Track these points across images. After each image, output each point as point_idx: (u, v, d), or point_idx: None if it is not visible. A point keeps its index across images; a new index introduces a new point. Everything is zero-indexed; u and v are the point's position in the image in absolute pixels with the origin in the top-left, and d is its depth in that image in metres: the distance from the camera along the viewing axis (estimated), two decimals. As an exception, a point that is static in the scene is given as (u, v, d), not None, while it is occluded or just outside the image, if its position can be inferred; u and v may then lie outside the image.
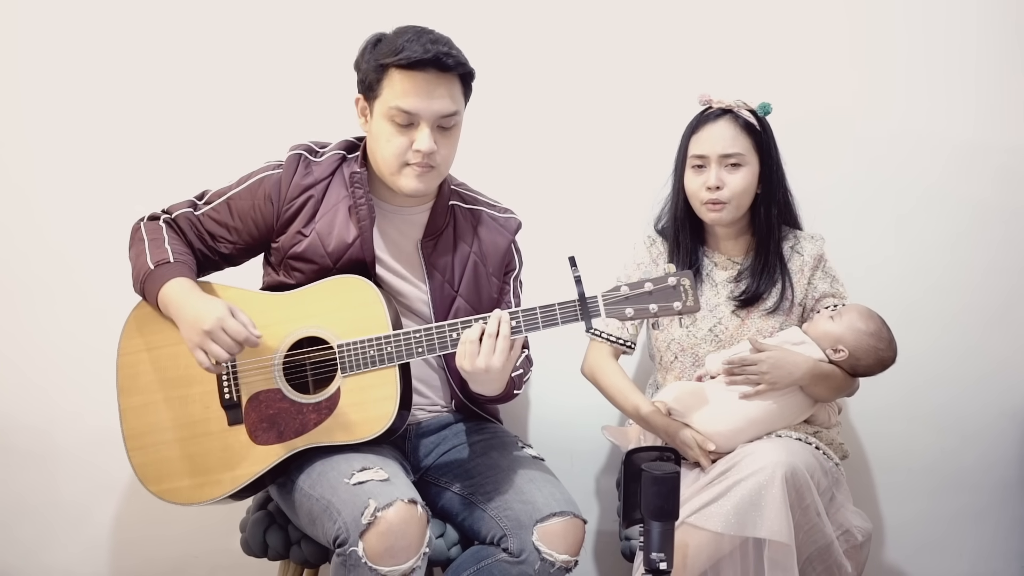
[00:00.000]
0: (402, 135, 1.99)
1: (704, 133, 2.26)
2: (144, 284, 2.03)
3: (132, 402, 2.05)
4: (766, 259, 2.28)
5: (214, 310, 1.92)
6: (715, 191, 2.23)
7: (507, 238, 2.21)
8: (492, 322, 1.89)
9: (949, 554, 2.69)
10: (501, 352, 1.87)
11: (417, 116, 1.98)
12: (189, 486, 2.02)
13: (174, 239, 2.07)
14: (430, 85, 1.97)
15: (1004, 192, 2.62)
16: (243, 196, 2.09)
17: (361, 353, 1.99)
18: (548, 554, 1.94)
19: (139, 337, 2.06)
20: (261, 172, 2.11)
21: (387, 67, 1.97)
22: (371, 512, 1.83)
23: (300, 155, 2.11)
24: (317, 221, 2.07)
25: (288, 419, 2.01)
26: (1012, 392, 2.65)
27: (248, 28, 2.58)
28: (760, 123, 2.26)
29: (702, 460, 2.13)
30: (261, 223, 2.09)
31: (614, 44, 2.59)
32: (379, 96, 1.99)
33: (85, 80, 2.57)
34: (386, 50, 1.97)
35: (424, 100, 1.97)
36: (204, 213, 2.11)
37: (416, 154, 1.99)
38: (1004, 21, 2.60)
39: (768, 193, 2.28)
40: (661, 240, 2.38)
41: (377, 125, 2.01)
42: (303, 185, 2.08)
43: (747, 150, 2.24)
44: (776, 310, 2.27)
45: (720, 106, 2.26)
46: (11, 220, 2.59)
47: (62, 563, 2.63)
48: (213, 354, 1.93)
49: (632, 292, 1.91)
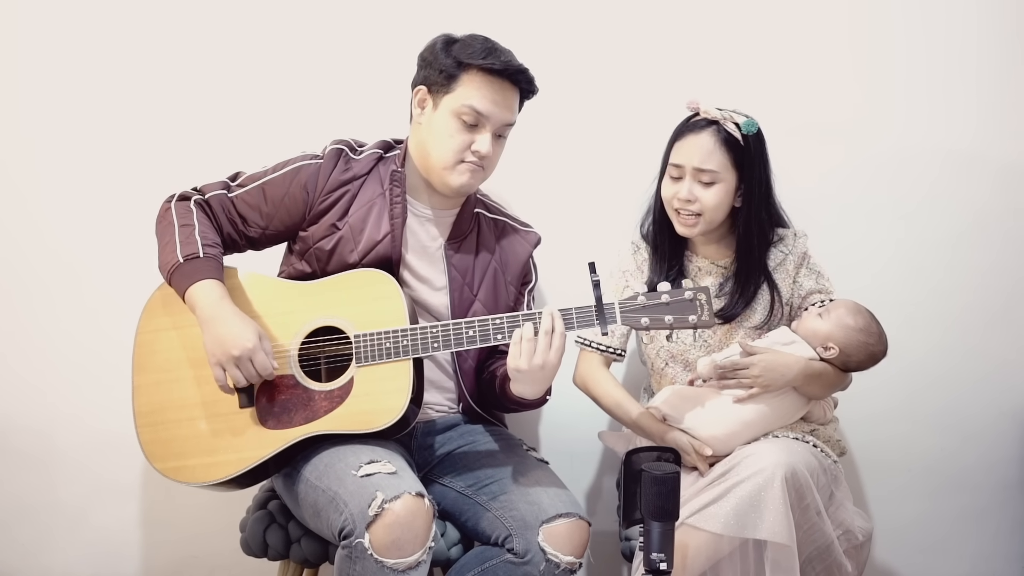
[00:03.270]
0: (465, 133, 2.06)
1: (685, 142, 2.21)
2: (172, 276, 2.04)
3: (146, 380, 2.07)
4: (747, 278, 2.24)
5: (247, 338, 1.95)
6: (686, 204, 2.20)
7: (527, 250, 2.27)
8: (547, 319, 1.92)
9: (950, 555, 2.69)
10: (557, 349, 1.92)
11: (485, 119, 2.05)
12: (195, 465, 2.03)
13: (204, 225, 2.08)
14: (505, 93, 2.07)
15: (1004, 194, 2.63)
16: (278, 183, 2.12)
17: (377, 344, 2.00)
18: (553, 555, 1.94)
19: (163, 316, 2.08)
20: (299, 160, 2.14)
21: (470, 67, 2.04)
22: (378, 504, 1.83)
23: (342, 150, 2.15)
24: (350, 216, 2.11)
25: (299, 405, 2.02)
26: (1012, 392, 2.65)
27: (247, 28, 2.58)
28: (744, 139, 2.19)
29: (699, 465, 2.13)
30: (294, 211, 2.12)
31: (616, 50, 2.59)
32: (452, 92, 2.05)
33: (85, 80, 2.57)
34: (470, 51, 2.05)
35: (497, 107, 2.06)
36: (237, 196, 2.13)
37: (474, 154, 2.06)
38: (1004, 25, 2.60)
39: (748, 208, 2.23)
40: (646, 246, 2.36)
41: (441, 119, 2.07)
42: (341, 180, 2.12)
43: (723, 167, 2.18)
44: (764, 325, 2.25)
45: (706, 116, 2.21)
46: (11, 220, 2.59)
47: (61, 564, 2.63)
48: (233, 377, 1.97)
49: (648, 302, 1.94)
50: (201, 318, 2.00)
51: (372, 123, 2.29)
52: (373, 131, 2.23)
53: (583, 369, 2.36)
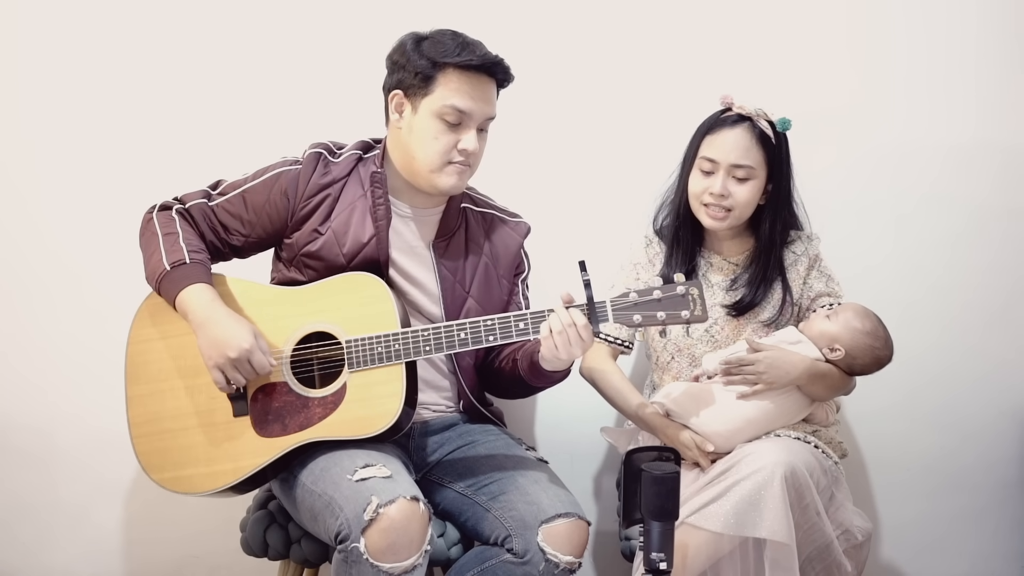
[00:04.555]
0: (450, 134, 2.03)
1: (719, 137, 2.23)
2: (160, 284, 2.03)
3: (139, 390, 2.06)
4: (765, 271, 2.27)
5: (243, 338, 1.95)
6: (719, 199, 2.22)
7: (518, 241, 2.25)
8: (564, 315, 1.91)
9: (949, 554, 2.69)
10: (586, 338, 1.91)
11: (468, 117, 2.03)
12: (192, 475, 2.03)
13: (188, 232, 2.08)
14: (484, 87, 2.04)
15: (1004, 192, 2.63)
16: (258, 190, 2.10)
17: (369, 349, 2.00)
18: (553, 555, 1.94)
19: (151, 327, 2.07)
20: (279, 167, 2.12)
21: (446, 66, 2.01)
22: (373, 508, 1.83)
23: (320, 154, 2.12)
24: (333, 220, 2.09)
25: (293, 412, 2.01)
26: (1012, 392, 2.65)
27: (246, 27, 2.58)
28: (776, 136, 2.24)
29: (701, 461, 2.13)
30: (275, 217, 2.10)
31: (618, 46, 2.59)
32: (430, 93, 2.02)
33: (84, 80, 2.57)
34: (443, 50, 2.01)
35: (478, 102, 2.03)
36: (218, 204, 2.12)
37: (461, 153, 2.04)
38: (1004, 22, 2.60)
39: (774, 206, 2.27)
40: (658, 240, 2.38)
41: (422, 122, 2.04)
42: (321, 184, 2.10)
43: (758, 163, 2.22)
44: (773, 322, 2.27)
45: (740, 112, 2.23)
46: (11, 220, 2.59)
47: (62, 563, 2.63)
48: (232, 379, 1.97)
49: (641, 299, 1.93)
50: (194, 323, 1.99)
51: (352, 123, 2.28)
52: (353, 131, 2.22)
53: (590, 360, 2.37)
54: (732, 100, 2.25)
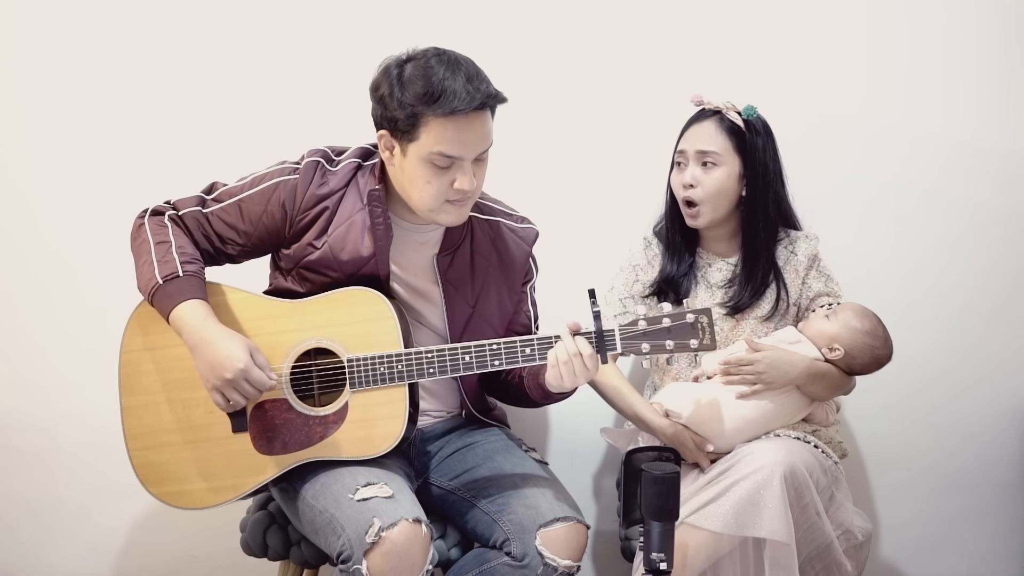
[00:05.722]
0: (443, 176, 1.92)
1: (690, 131, 2.29)
2: (153, 297, 1.98)
3: (134, 401, 2.03)
4: (753, 267, 2.28)
5: (238, 358, 1.89)
6: (688, 189, 2.25)
7: (525, 251, 2.17)
8: (569, 344, 1.88)
9: (949, 554, 2.69)
10: (592, 367, 1.89)
11: (460, 158, 1.92)
12: (190, 491, 2.01)
13: (181, 240, 2.01)
14: (472, 126, 1.90)
15: (1003, 193, 2.62)
16: (255, 200, 2.03)
17: (371, 370, 1.96)
18: (551, 559, 1.93)
19: (141, 336, 2.03)
20: (277, 176, 2.03)
21: (426, 115, 1.88)
22: (375, 532, 1.81)
23: (317, 163, 2.03)
24: (330, 233, 2.02)
25: (293, 430, 1.99)
26: (1012, 392, 2.65)
27: (245, 27, 2.58)
28: (747, 126, 2.25)
29: (701, 461, 2.13)
30: (272, 228, 2.03)
31: (619, 47, 2.59)
32: (416, 140, 1.90)
33: (84, 80, 2.57)
34: (421, 94, 1.87)
35: (468, 145, 1.91)
36: (213, 212, 2.04)
37: (458, 192, 1.94)
38: (1004, 21, 2.60)
39: (753, 197, 2.27)
40: (657, 242, 2.39)
41: (412, 166, 1.93)
42: (318, 195, 2.02)
43: (724, 150, 2.24)
44: (770, 317, 2.28)
45: (710, 107, 2.27)
46: (11, 220, 2.59)
47: (62, 563, 2.63)
48: (233, 400, 1.94)
49: (650, 327, 1.90)
50: (189, 344, 1.94)
51: (352, 123, 2.22)
52: (352, 132, 2.17)
53: None
54: (701, 97, 2.29)
